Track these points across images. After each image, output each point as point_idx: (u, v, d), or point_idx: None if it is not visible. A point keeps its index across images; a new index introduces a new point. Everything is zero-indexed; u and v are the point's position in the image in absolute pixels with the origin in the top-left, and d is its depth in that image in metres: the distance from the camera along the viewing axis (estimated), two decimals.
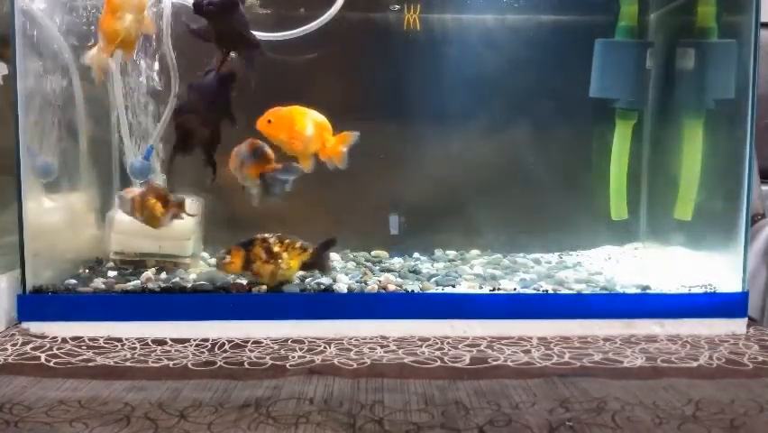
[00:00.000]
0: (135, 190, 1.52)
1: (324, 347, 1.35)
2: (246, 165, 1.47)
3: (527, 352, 1.32)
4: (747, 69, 1.45)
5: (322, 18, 1.64)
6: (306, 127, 1.43)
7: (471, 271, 1.66)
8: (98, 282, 1.51)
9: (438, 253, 1.87)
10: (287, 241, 1.48)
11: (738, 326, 1.45)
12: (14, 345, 1.33)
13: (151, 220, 1.51)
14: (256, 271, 1.46)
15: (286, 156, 1.47)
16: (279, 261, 1.46)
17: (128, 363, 1.25)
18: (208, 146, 1.52)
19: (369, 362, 1.26)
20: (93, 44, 1.47)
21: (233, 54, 1.49)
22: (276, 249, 1.46)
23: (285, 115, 1.44)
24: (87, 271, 1.63)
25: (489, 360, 1.27)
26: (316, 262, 1.51)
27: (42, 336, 1.39)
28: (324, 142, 1.45)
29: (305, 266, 1.51)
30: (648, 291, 1.50)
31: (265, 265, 1.45)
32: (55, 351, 1.31)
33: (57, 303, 1.42)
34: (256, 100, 1.49)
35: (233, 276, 1.50)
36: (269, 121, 1.43)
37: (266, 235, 1.48)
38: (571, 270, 1.70)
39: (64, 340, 1.37)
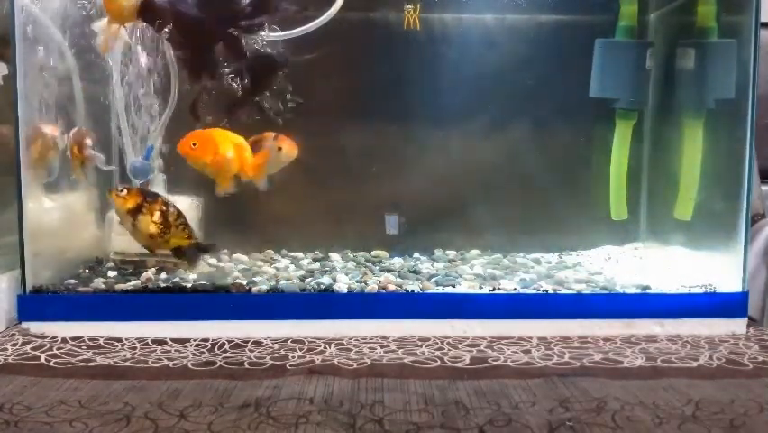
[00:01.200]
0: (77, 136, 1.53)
1: (324, 347, 1.35)
2: None
3: (527, 352, 1.32)
4: (747, 69, 1.45)
5: (321, 18, 1.63)
6: (228, 149, 1.48)
7: (471, 271, 1.66)
8: (98, 282, 1.51)
9: (438, 253, 1.87)
10: (181, 220, 1.48)
11: (738, 326, 1.45)
12: (14, 345, 1.33)
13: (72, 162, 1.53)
14: (136, 223, 1.45)
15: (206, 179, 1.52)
16: (165, 231, 1.45)
17: (128, 363, 1.25)
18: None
19: (369, 362, 1.25)
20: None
21: None
22: (170, 219, 1.46)
23: (208, 137, 1.47)
24: (87, 271, 1.63)
25: (489, 360, 1.27)
26: (187, 255, 1.51)
27: (42, 336, 1.39)
28: (243, 163, 1.49)
29: (175, 250, 1.50)
30: (648, 291, 1.50)
31: (150, 224, 1.44)
32: (55, 351, 1.31)
33: (57, 303, 1.42)
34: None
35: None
36: (194, 144, 1.46)
37: (170, 203, 1.47)
38: (571, 270, 1.70)
39: (64, 340, 1.37)
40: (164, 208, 1.45)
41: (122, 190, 1.45)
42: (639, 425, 0.98)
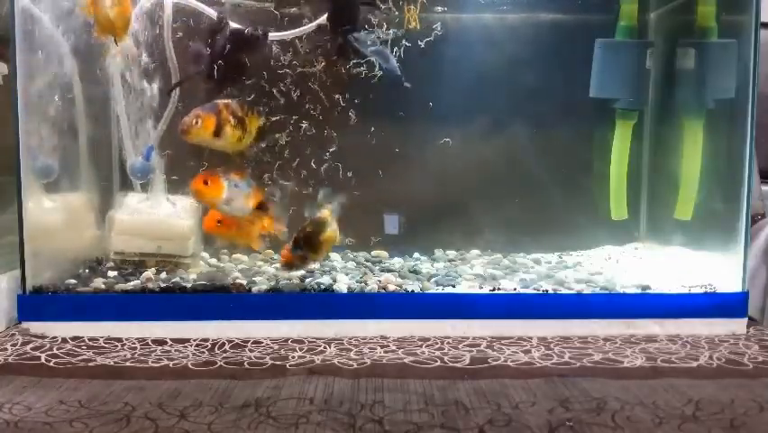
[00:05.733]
0: None
1: (324, 347, 1.35)
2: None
3: (527, 352, 1.32)
4: (747, 69, 1.45)
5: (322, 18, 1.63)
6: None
7: (471, 271, 1.66)
8: (98, 282, 1.51)
9: (438, 253, 1.87)
10: (245, 107, 1.45)
11: (738, 326, 1.46)
12: (14, 345, 1.33)
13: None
14: (224, 136, 1.41)
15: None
16: (245, 125, 1.44)
17: (128, 363, 1.25)
18: None
19: (369, 362, 1.26)
20: None
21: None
22: (240, 114, 1.43)
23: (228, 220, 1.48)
24: (87, 271, 1.63)
25: (489, 360, 1.27)
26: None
27: (42, 336, 1.39)
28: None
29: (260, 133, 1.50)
30: (648, 291, 1.50)
31: (234, 131, 1.41)
32: (55, 351, 1.31)
33: (57, 303, 1.42)
34: None
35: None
36: (219, 222, 1.48)
37: (226, 102, 1.43)
38: (571, 270, 1.70)
39: (64, 340, 1.37)
40: (230, 109, 1.41)
41: (196, 122, 1.38)
42: (639, 425, 0.98)
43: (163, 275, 1.58)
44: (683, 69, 1.68)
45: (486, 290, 1.49)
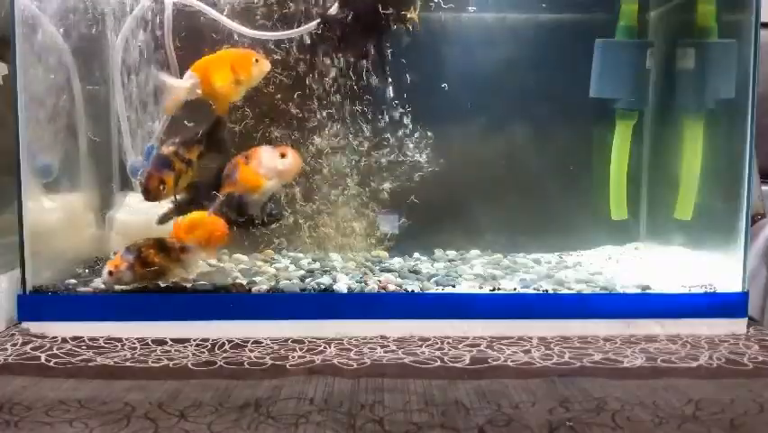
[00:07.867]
0: None
1: (324, 347, 1.35)
2: None
3: (527, 352, 1.32)
4: (747, 69, 1.45)
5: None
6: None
7: (471, 271, 1.66)
8: (98, 282, 1.51)
9: (438, 253, 1.87)
10: (186, 143, 1.47)
11: (738, 326, 1.45)
12: (14, 345, 1.33)
13: None
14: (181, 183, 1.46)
15: None
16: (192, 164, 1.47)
17: (128, 363, 1.25)
18: None
19: (369, 362, 1.26)
20: None
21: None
22: (187, 155, 1.46)
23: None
24: (87, 271, 1.63)
25: (489, 360, 1.27)
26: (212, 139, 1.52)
27: (42, 336, 1.39)
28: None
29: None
30: (648, 291, 1.50)
31: (187, 175, 1.46)
32: (55, 351, 1.31)
33: (57, 303, 1.42)
34: None
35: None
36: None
37: (173, 149, 1.46)
38: (571, 270, 1.70)
39: (64, 340, 1.37)
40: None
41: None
42: (639, 425, 0.98)
43: None
44: (683, 69, 1.68)
45: (486, 290, 1.49)
